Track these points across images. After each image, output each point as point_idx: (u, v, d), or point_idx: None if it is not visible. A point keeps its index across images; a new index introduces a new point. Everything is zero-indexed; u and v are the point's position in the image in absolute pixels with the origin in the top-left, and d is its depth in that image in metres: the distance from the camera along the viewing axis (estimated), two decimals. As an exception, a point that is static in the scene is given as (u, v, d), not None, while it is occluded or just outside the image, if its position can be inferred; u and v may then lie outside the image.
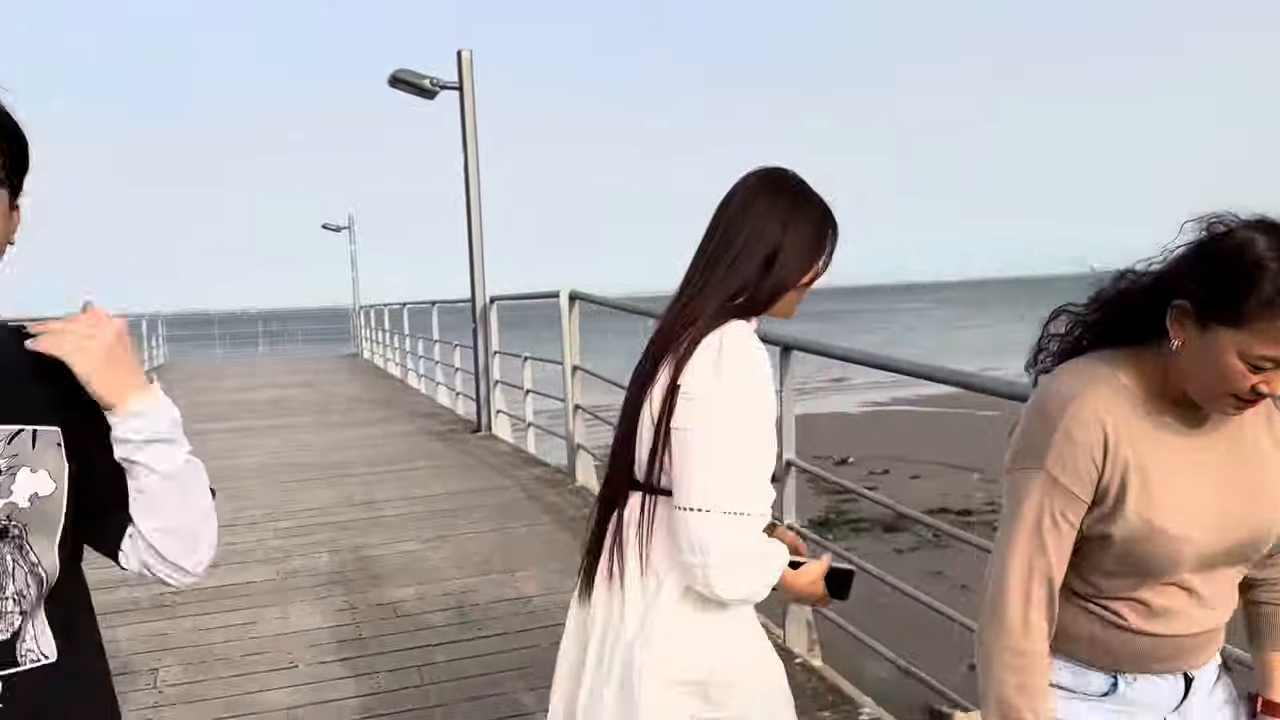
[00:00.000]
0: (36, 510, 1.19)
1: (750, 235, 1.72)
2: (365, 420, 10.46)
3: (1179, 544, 1.38)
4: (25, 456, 1.19)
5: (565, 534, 5.42)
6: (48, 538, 1.20)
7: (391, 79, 8.89)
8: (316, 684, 3.58)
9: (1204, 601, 1.44)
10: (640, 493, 1.73)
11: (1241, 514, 1.41)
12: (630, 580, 1.73)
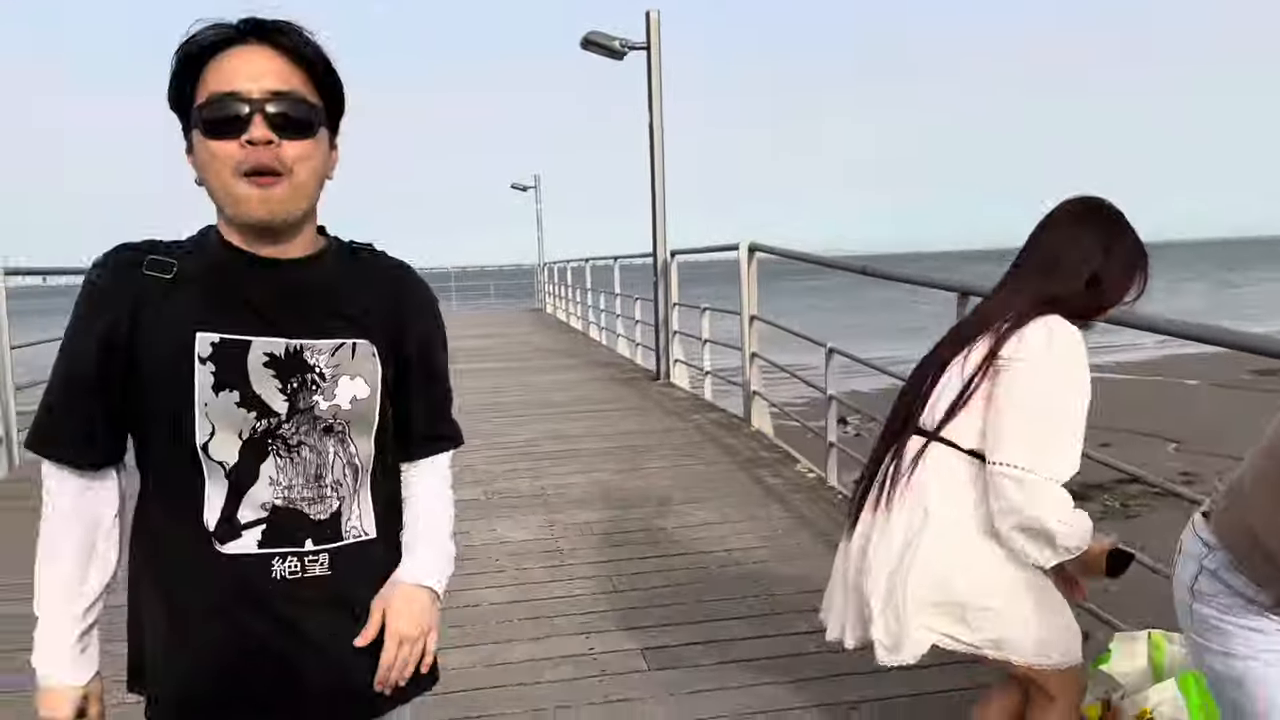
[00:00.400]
0: (356, 411, 1.39)
1: (1075, 257, 2.00)
2: (553, 368, 11.14)
3: None
4: (345, 365, 1.38)
5: (741, 473, 5.78)
6: (365, 434, 1.41)
7: (583, 41, 9.33)
8: (521, 585, 4.09)
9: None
10: (924, 439, 2.06)
11: None
12: (896, 510, 2.05)
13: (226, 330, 1.32)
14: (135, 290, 1.32)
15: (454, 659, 3.39)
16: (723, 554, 4.39)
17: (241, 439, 1.33)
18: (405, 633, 1.41)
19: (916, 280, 4.71)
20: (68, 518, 1.36)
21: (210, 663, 1.37)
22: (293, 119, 1.29)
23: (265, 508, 1.35)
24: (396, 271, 1.49)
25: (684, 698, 3.09)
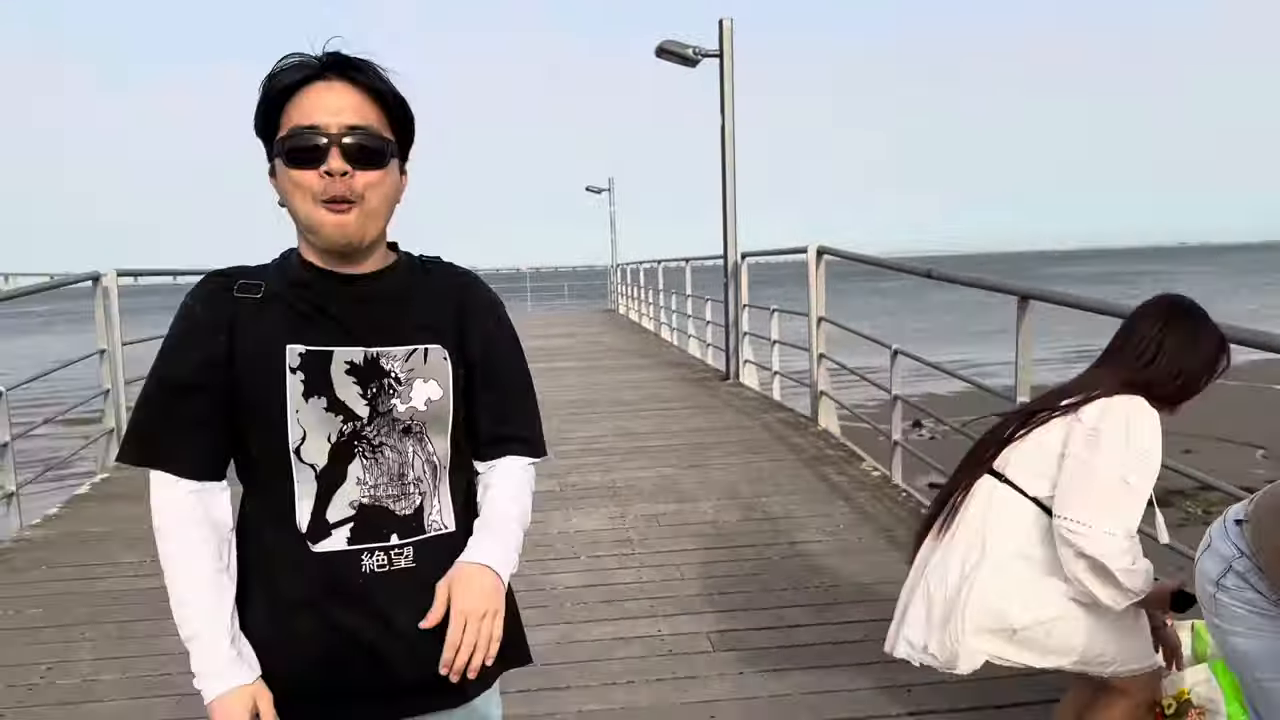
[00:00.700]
0: (431, 412, 1.48)
1: (1166, 355, 2.22)
2: (624, 367, 11.39)
3: None
4: (419, 370, 1.47)
5: (806, 470, 5.94)
6: (441, 433, 1.50)
7: (658, 50, 9.56)
8: (593, 571, 4.33)
9: None
10: (994, 479, 2.30)
11: None
12: (958, 541, 2.31)
13: (312, 342, 1.43)
14: (230, 313, 1.43)
15: (533, 636, 3.59)
16: (786, 546, 4.57)
17: (330, 442, 1.43)
18: (470, 610, 1.42)
19: (979, 284, 4.81)
20: (182, 531, 1.43)
21: (306, 655, 1.45)
22: (367, 150, 1.39)
23: (353, 506, 1.44)
24: (461, 279, 1.58)
25: (746, 677, 3.30)
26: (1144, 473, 2.14)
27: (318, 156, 1.37)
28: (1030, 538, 2.25)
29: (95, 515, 5.45)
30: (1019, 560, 2.24)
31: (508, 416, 1.58)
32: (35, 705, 3.28)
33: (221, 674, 1.41)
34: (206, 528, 1.44)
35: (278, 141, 1.40)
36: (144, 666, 3.53)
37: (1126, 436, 2.14)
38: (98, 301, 6.52)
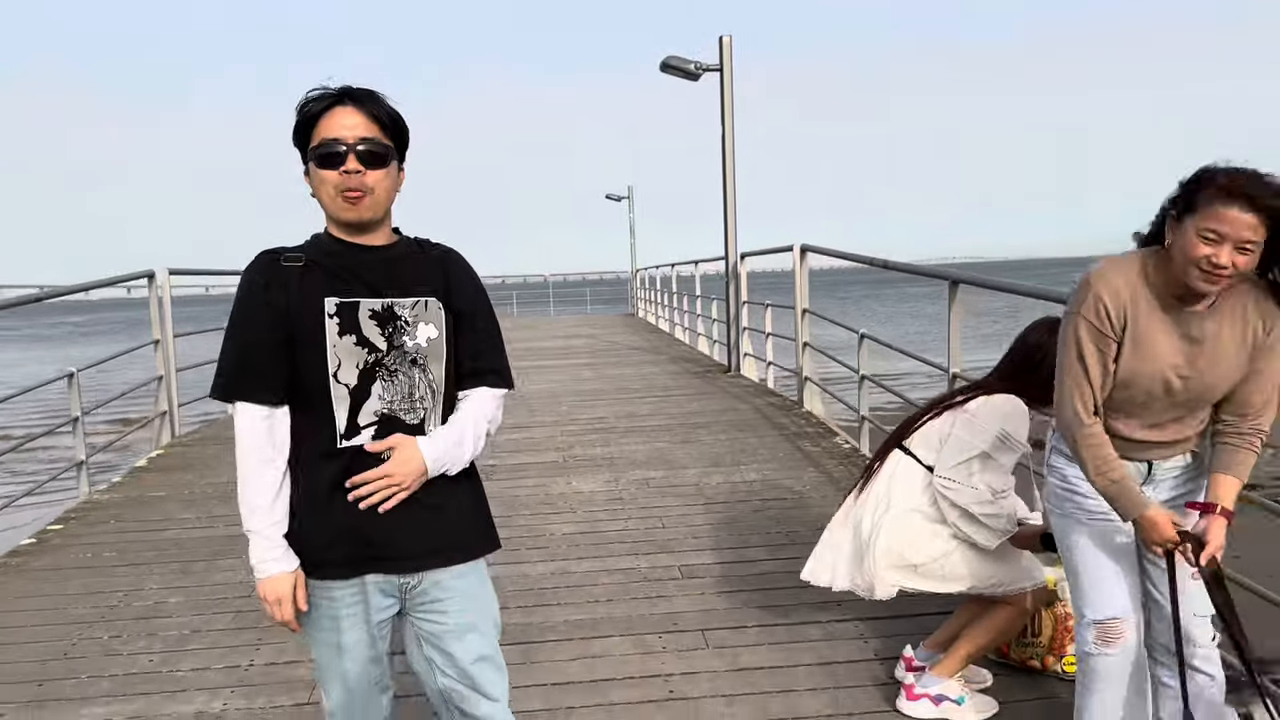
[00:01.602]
0: (431, 348, 1.94)
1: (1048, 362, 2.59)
2: (634, 362, 12.04)
3: (1149, 381, 2.17)
4: (422, 315, 1.93)
5: (786, 444, 6.56)
6: (438, 365, 1.96)
7: (662, 65, 10.23)
8: (587, 523, 4.97)
9: (1170, 423, 2.23)
10: (901, 453, 3.04)
11: (1194, 375, 2.16)
12: (870, 498, 3.05)
13: (344, 295, 1.89)
14: (282, 278, 1.89)
15: (531, 569, 4.31)
16: (757, 503, 5.20)
17: (358, 368, 1.89)
18: (390, 471, 1.89)
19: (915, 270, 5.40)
20: (261, 447, 1.89)
21: (337, 525, 1.91)
22: (374, 155, 1.86)
23: (376, 415, 1.91)
24: (447, 253, 2.06)
25: (706, 596, 3.93)
26: (1005, 451, 2.85)
27: (338, 160, 1.85)
28: (925, 496, 2.95)
29: (153, 483, 6.18)
30: (915, 513, 2.95)
31: (482, 353, 2.03)
32: (116, 620, 3.96)
33: (274, 561, 1.91)
34: (272, 448, 1.91)
35: (310, 150, 1.88)
36: (203, 593, 4.22)
37: (997, 423, 2.85)
38: (151, 297, 7.27)
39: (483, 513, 2.09)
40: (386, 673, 2.06)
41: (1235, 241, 1.98)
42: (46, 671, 3.50)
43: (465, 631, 2.02)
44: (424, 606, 2.00)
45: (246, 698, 3.25)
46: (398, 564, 1.96)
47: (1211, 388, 2.19)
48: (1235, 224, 1.97)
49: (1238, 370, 2.18)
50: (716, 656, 3.40)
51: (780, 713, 3.00)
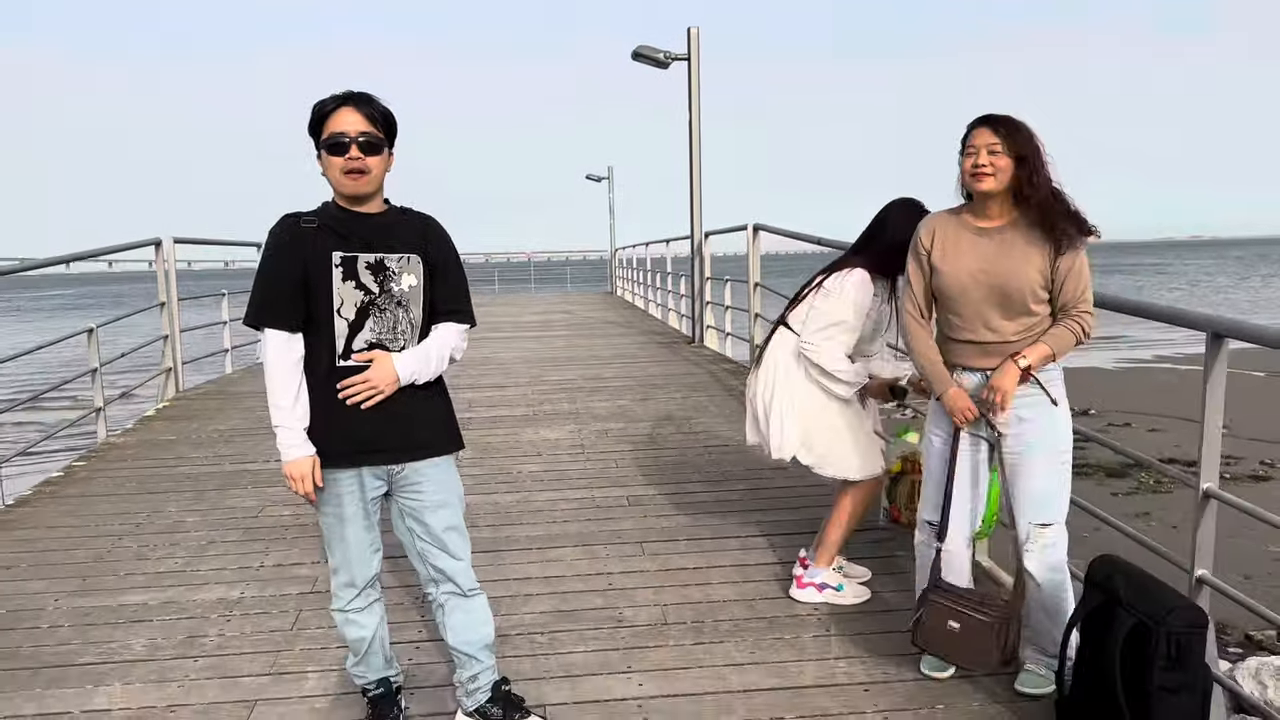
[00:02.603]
0: (412, 293, 2.53)
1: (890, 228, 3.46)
2: (606, 334, 12.74)
3: (958, 290, 2.85)
4: (405, 268, 2.51)
5: (733, 401, 7.28)
6: (418, 306, 2.54)
7: (633, 54, 10.86)
8: (550, 463, 5.68)
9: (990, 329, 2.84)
10: (783, 327, 3.68)
11: (997, 280, 2.80)
12: (765, 368, 3.70)
13: (346, 250, 2.48)
14: (300, 234, 2.48)
15: (498, 499, 5.01)
16: (701, 448, 5.92)
17: (356, 306, 2.48)
18: (370, 377, 2.50)
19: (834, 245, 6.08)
20: (284, 361, 2.48)
21: (339, 427, 2.51)
22: (372, 145, 2.44)
23: (367, 342, 2.51)
24: (426, 219, 2.64)
25: (649, 519, 4.64)
26: (851, 314, 3.45)
27: (344, 148, 2.43)
28: (796, 361, 3.58)
29: (162, 429, 6.84)
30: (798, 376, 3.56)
31: (450, 298, 2.64)
32: (142, 534, 4.64)
33: (296, 447, 2.50)
34: (292, 362, 2.50)
35: (322, 141, 2.46)
36: (216, 514, 4.90)
37: (843, 292, 3.48)
38: (158, 262, 7.90)
39: (450, 421, 2.72)
40: (376, 538, 2.72)
41: (986, 147, 2.75)
42: (87, 570, 4.18)
43: (438, 507, 2.68)
44: (406, 489, 2.66)
45: (258, 589, 3.94)
46: (384, 456, 2.59)
47: (1006, 282, 2.80)
48: (980, 137, 2.77)
49: (1027, 271, 2.78)
50: (651, 560, 4.12)
51: (698, 598, 3.72)
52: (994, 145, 2.74)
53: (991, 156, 2.75)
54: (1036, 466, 2.86)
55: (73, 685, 3.15)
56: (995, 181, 2.77)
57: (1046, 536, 2.88)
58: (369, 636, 2.75)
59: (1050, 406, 2.86)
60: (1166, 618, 2.46)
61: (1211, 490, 2.80)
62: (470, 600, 2.75)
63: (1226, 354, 2.77)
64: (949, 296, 2.91)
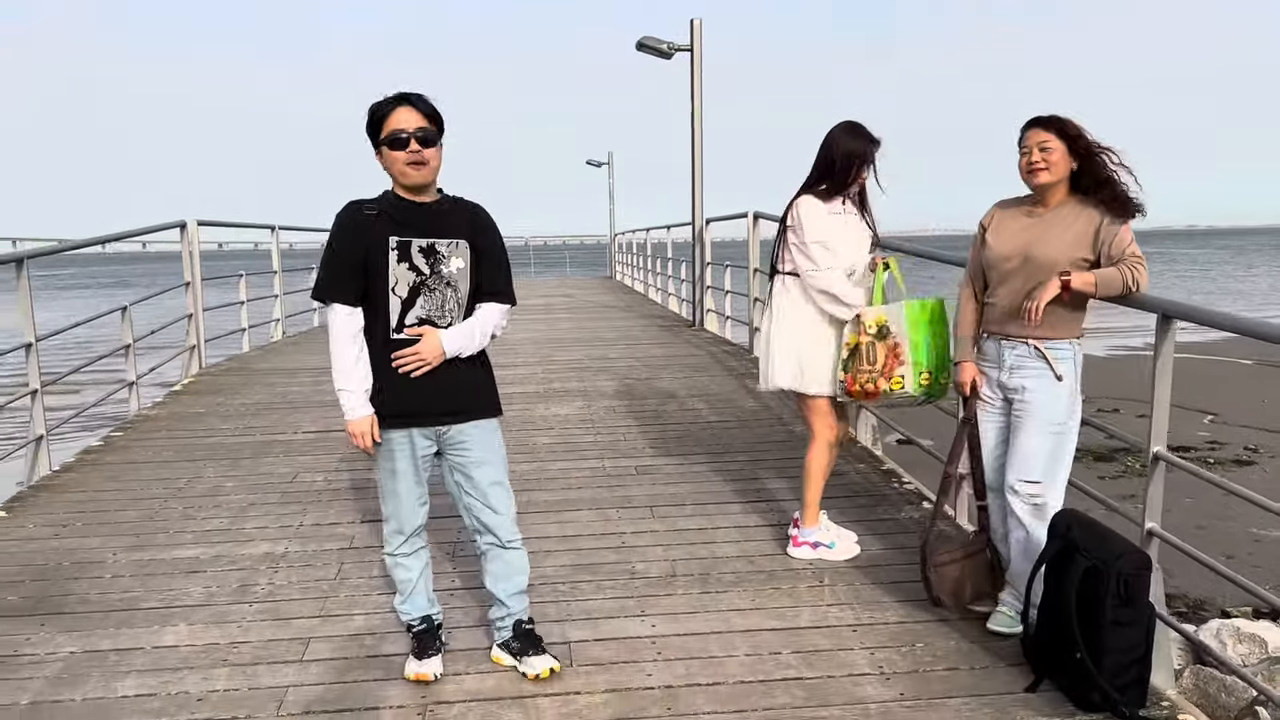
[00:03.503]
0: (460, 275, 2.86)
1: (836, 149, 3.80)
2: (608, 317, 13.10)
3: (996, 260, 3.22)
4: (453, 252, 2.84)
5: (733, 382, 7.66)
6: (464, 286, 2.87)
7: (638, 44, 11.17)
8: (563, 436, 6.04)
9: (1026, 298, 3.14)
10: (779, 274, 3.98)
11: (1031, 251, 3.14)
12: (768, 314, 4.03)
13: (402, 235, 2.80)
14: (362, 220, 2.81)
15: (516, 467, 5.34)
16: (704, 424, 6.30)
17: (409, 285, 2.80)
18: (420, 349, 2.82)
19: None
20: (346, 332, 2.81)
21: (389, 394, 2.85)
22: (427, 139, 2.76)
23: (417, 318, 2.83)
24: (475, 209, 2.97)
25: (656, 486, 5.01)
26: (818, 233, 3.77)
27: (404, 143, 2.75)
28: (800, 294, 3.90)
29: (191, 402, 7.19)
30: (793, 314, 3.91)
31: (493, 280, 2.96)
32: (186, 497, 4.99)
33: (357, 408, 2.84)
34: (352, 333, 2.83)
35: (382, 138, 2.77)
36: (253, 479, 5.26)
37: (799, 220, 3.83)
38: (183, 245, 8.23)
39: (491, 389, 3.09)
40: (424, 494, 3.07)
41: (1038, 145, 3.11)
42: (139, 528, 4.53)
43: (481, 464, 3.04)
44: (454, 448, 3.02)
45: (301, 544, 4.30)
46: (431, 419, 2.94)
47: (1037, 253, 3.15)
48: (1033, 137, 3.12)
49: (1060, 246, 3.10)
50: (659, 522, 4.49)
51: (704, 554, 4.09)
52: (1045, 142, 3.11)
53: (1043, 153, 3.10)
54: (1028, 429, 3.18)
55: (141, 626, 3.51)
56: (1049, 175, 3.13)
57: (1033, 491, 3.19)
58: (414, 578, 3.11)
59: (1054, 381, 3.16)
60: (1116, 561, 2.83)
61: (1160, 453, 3.16)
62: (508, 552, 3.10)
63: (1174, 333, 3.11)
64: (989, 266, 3.30)
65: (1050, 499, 3.20)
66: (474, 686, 3.04)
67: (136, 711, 2.93)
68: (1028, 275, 3.17)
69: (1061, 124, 3.10)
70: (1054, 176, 3.12)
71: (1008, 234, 3.25)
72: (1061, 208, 3.18)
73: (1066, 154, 3.10)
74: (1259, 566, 7.74)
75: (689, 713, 2.86)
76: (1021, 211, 3.27)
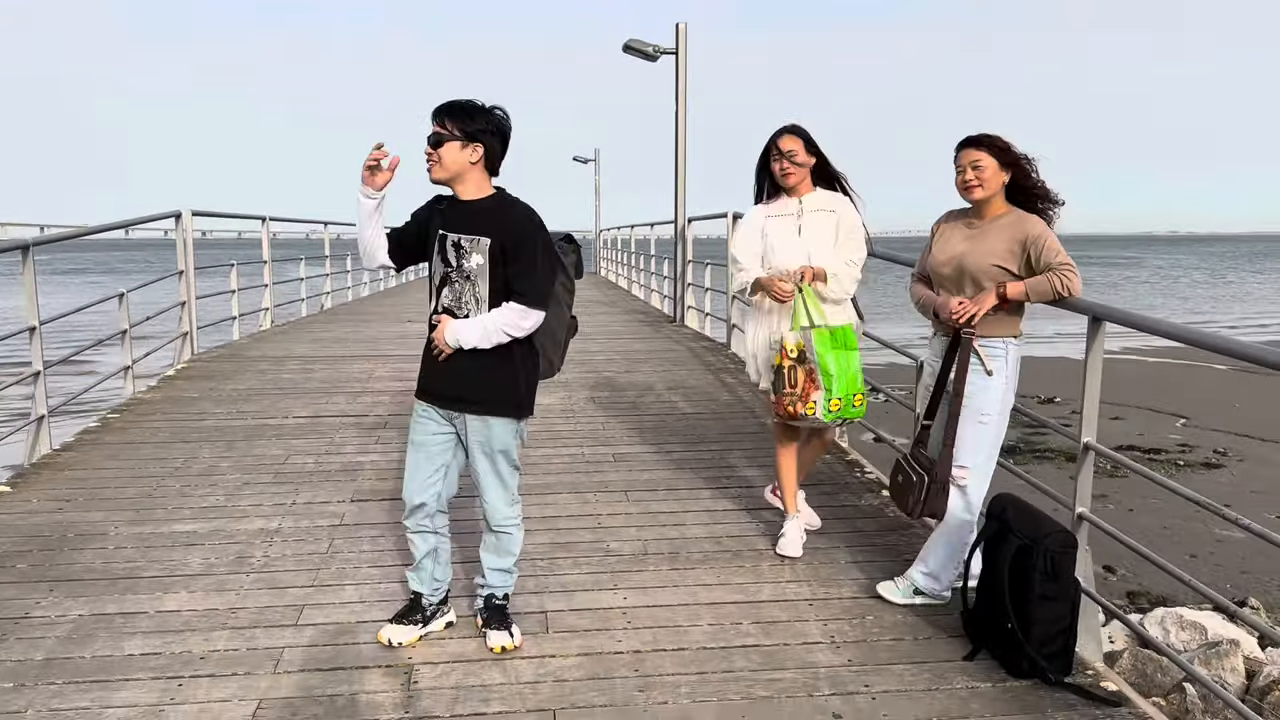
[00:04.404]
0: (479, 270, 3.06)
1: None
2: (591, 312, 13.32)
3: (936, 265, 3.51)
4: (474, 248, 3.05)
5: (710, 376, 7.94)
6: (483, 282, 3.06)
7: (624, 46, 11.42)
8: (545, 424, 6.29)
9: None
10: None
11: (965, 260, 3.42)
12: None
13: (444, 230, 3.10)
14: (431, 211, 3.17)
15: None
16: (680, 415, 6.57)
17: (440, 276, 3.11)
18: (434, 335, 3.12)
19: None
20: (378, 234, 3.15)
21: (422, 369, 3.23)
22: (435, 142, 3.03)
23: (441, 306, 3.12)
24: (509, 208, 3.12)
25: (634, 472, 5.28)
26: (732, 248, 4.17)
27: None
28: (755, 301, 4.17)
29: (184, 387, 7.42)
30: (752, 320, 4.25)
31: (515, 279, 3.07)
32: (183, 476, 5.22)
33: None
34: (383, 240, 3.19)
35: None
36: (247, 461, 5.49)
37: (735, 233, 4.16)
38: (178, 234, 8.44)
39: (505, 388, 3.18)
40: (436, 476, 3.25)
41: (970, 164, 3.39)
42: (139, 504, 4.76)
43: (479, 456, 3.22)
44: (465, 433, 3.23)
45: (294, 521, 4.54)
46: (443, 402, 3.22)
47: (970, 262, 3.43)
48: (965, 156, 3.41)
49: (991, 254, 3.39)
50: (634, 505, 4.76)
51: (674, 535, 4.36)
52: (977, 160, 3.40)
53: (976, 171, 3.39)
54: (962, 417, 3.46)
55: (144, 592, 3.75)
56: (983, 191, 3.43)
57: (959, 475, 3.47)
58: (419, 557, 3.35)
59: (985, 376, 3.44)
60: (1044, 540, 3.12)
61: (1090, 443, 3.45)
62: (494, 535, 3.35)
63: (1104, 334, 3.40)
64: (931, 271, 3.59)
65: (973, 483, 3.49)
66: (458, 649, 3.30)
67: (143, 668, 3.17)
68: (960, 282, 3.47)
69: (990, 141, 3.39)
70: (987, 192, 3.41)
71: (947, 243, 3.54)
72: (998, 219, 3.46)
73: (998, 169, 3.39)
74: (1220, 565, 8.09)
75: (655, 674, 3.13)
76: (963, 223, 3.56)
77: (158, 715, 2.89)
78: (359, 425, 6.24)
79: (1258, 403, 14.66)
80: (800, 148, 3.99)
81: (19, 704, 2.95)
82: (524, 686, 3.06)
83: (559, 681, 3.09)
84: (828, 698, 3.00)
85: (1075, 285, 3.31)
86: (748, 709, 2.93)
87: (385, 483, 5.05)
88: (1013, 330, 3.47)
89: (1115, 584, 7.64)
